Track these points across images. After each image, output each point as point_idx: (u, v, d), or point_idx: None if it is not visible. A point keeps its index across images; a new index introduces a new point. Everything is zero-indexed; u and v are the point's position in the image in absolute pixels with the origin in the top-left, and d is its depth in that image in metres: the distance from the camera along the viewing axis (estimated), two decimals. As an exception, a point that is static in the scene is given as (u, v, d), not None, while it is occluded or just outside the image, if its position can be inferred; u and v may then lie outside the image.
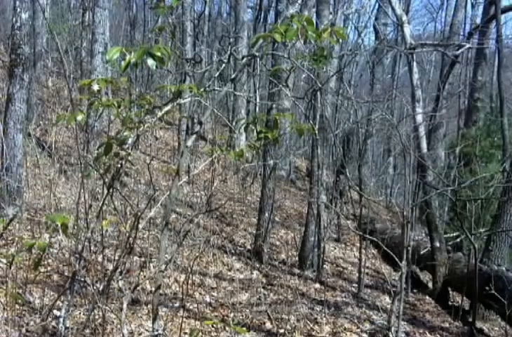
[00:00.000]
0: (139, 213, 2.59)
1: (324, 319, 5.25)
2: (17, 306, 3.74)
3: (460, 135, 11.70)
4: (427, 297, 6.90)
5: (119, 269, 2.61)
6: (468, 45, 9.05)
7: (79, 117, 2.43)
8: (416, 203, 6.91)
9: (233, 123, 10.29)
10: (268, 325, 4.88)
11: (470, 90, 13.27)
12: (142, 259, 5.41)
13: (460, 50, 9.02)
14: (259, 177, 9.07)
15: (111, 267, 3.15)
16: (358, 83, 15.79)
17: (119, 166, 2.51)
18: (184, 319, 4.39)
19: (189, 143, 2.87)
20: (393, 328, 4.70)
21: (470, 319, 5.80)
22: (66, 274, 4.68)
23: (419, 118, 7.43)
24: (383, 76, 13.59)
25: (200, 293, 5.43)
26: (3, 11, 14.77)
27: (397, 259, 5.16)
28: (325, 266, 7.18)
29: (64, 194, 7.12)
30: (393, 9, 8.05)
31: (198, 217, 6.26)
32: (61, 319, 2.70)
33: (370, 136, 10.73)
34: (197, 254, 5.51)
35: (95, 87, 2.35)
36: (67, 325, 2.76)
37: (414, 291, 6.97)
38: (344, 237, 9.10)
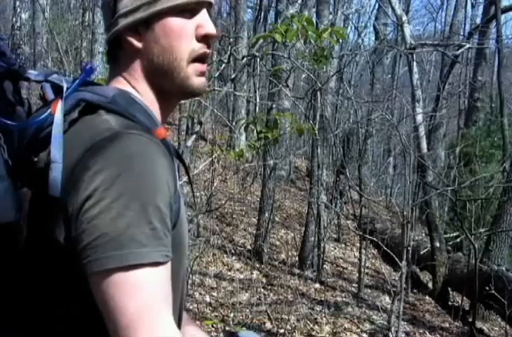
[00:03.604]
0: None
1: (324, 319, 5.25)
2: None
3: (460, 135, 11.71)
4: (427, 297, 6.90)
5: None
6: (468, 45, 9.05)
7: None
8: (416, 203, 6.91)
9: (233, 123, 10.28)
10: (268, 325, 4.88)
11: (470, 90, 13.27)
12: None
13: (460, 50, 9.02)
14: (259, 177, 9.07)
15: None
16: (358, 83, 15.76)
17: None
18: (184, 319, 4.39)
19: (189, 143, 2.87)
20: (393, 328, 4.70)
21: (470, 319, 5.80)
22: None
23: (419, 118, 7.43)
24: (383, 76, 13.57)
25: (200, 293, 5.43)
26: (3, 11, 14.77)
27: (397, 259, 5.16)
28: (325, 266, 7.18)
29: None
30: (393, 9, 8.05)
31: (198, 218, 6.26)
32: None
33: (370, 136, 10.72)
34: (197, 254, 5.51)
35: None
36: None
37: (414, 291, 6.97)
38: (344, 237, 9.10)
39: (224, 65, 3.28)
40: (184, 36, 0.92)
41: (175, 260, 0.82)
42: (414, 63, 7.74)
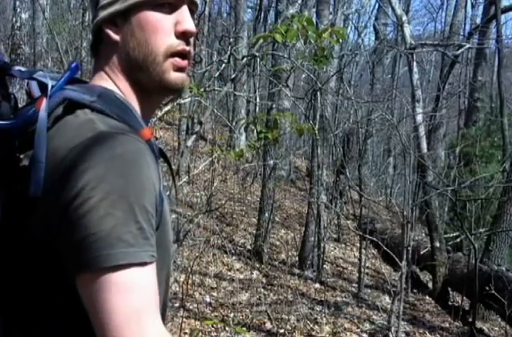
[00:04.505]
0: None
1: (324, 319, 5.25)
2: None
3: (460, 135, 11.70)
4: (427, 297, 6.90)
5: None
6: (468, 45, 9.05)
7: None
8: (416, 203, 6.91)
9: (233, 123, 10.28)
10: (268, 325, 4.88)
11: (470, 90, 13.27)
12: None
13: (460, 50, 9.02)
14: (259, 177, 9.07)
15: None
16: (358, 83, 15.76)
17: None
18: (184, 319, 4.39)
19: (189, 143, 2.87)
20: (393, 328, 4.70)
21: (470, 319, 5.80)
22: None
23: (419, 118, 7.43)
24: (383, 76, 13.58)
25: (200, 293, 5.43)
26: (3, 11, 14.77)
27: (397, 259, 5.16)
28: (325, 266, 7.18)
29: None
30: (393, 9, 8.05)
31: (198, 218, 6.26)
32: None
33: (370, 136, 10.72)
34: (197, 254, 5.51)
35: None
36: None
37: (414, 291, 6.97)
38: (344, 237, 9.10)
39: (224, 65, 3.28)
40: (160, 30, 0.91)
41: (159, 259, 0.82)
42: (414, 63, 7.74)
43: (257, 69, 11.46)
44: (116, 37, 0.92)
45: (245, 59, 3.00)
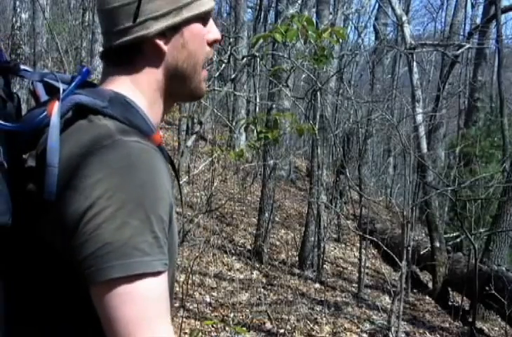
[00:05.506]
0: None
1: (324, 319, 5.25)
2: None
3: (460, 135, 11.70)
4: (427, 297, 6.90)
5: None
6: (468, 45, 9.06)
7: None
8: (416, 203, 6.91)
9: (233, 123, 10.27)
10: (268, 325, 4.88)
11: (470, 90, 13.26)
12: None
13: (460, 50, 9.02)
14: (259, 177, 9.07)
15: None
16: (358, 83, 15.77)
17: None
18: (184, 319, 4.39)
19: (189, 143, 2.87)
20: (393, 328, 4.70)
21: (470, 319, 5.80)
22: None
23: (419, 118, 7.43)
24: (383, 76, 13.57)
25: (200, 293, 5.43)
26: (3, 11, 14.78)
27: (397, 259, 5.16)
28: (325, 266, 7.18)
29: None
30: (393, 9, 8.05)
31: (198, 218, 6.25)
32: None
33: (370, 136, 10.71)
34: (197, 254, 5.51)
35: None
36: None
37: (414, 291, 6.97)
38: (344, 237, 9.10)
39: (224, 65, 3.29)
40: (203, 42, 0.95)
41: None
42: (414, 63, 7.74)
43: (257, 69, 11.47)
44: (165, 48, 0.92)
45: (245, 59, 3.00)
